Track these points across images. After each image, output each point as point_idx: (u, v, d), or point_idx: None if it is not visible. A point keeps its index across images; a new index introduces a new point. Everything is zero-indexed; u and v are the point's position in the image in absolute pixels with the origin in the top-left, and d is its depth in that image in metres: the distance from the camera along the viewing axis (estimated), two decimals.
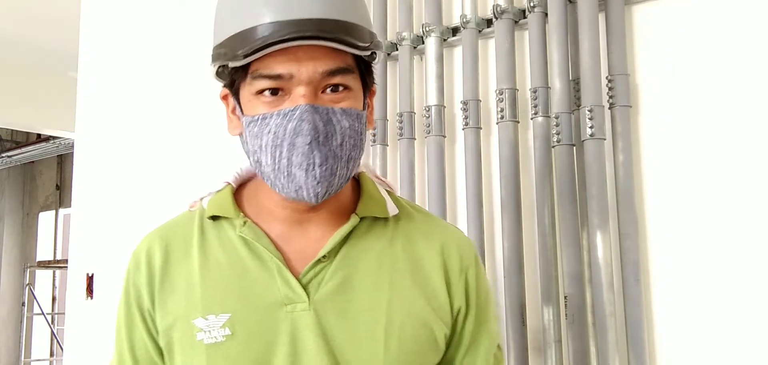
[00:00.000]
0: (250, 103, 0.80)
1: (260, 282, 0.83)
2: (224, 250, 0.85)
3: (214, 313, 0.82)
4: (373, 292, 0.83)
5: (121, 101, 2.44)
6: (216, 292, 0.83)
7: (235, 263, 0.84)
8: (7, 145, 7.32)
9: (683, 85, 1.27)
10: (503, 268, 1.38)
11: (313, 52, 0.78)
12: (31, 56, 4.66)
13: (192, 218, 0.89)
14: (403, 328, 0.83)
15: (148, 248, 0.87)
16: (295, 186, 0.79)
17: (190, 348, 0.82)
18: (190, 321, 0.82)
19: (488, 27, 1.49)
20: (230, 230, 0.86)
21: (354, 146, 0.81)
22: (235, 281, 0.83)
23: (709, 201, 1.23)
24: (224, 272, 0.84)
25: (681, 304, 1.25)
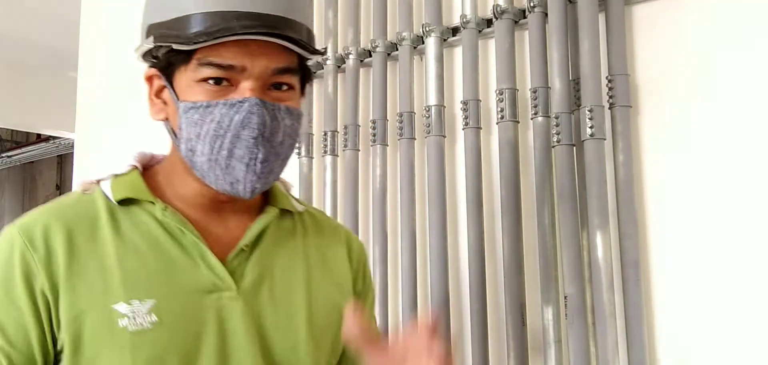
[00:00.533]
0: (190, 89, 0.78)
1: (183, 268, 0.81)
2: (141, 234, 0.81)
3: (138, 298, 0.77)
4: (293, 280, 0.87)
5: (121, 101, 2.44)
6: (138, 277, 0.78)
7: (154, 248, 0.80)
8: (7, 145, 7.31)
9: (683, 85, 1.27)
10: (503, 268, 1.38)
11: (266, 48, 0.77)
12: (31, 56, 4.67)
13: (92, 201, 0.83)
14: (321, 313, 0.88)
15: (44, 228, 0.78)
16: (231, 179, 0.78)
17: (109, 335, 0.76)
18: (108, 307, 0.76)
19: (488, 27, 1.49)
20: (144, 215, 0.82)
21: (291, 146, 0.82)
22: (157, 266, 0.80)
23: (709, 201, 1.23)
24: (144, 257, 0.80)
25: (681, 304, 1.25)
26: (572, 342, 1.26)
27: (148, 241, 0.81)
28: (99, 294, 0.77)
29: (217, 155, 0.78)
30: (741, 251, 1.19)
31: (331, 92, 1.73)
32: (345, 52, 1.69)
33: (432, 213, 1.48)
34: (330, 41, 1.74)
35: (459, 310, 1.50)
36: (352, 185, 1.65)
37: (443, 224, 1.48)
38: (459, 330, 1.50)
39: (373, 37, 1.64)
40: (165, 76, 0.81)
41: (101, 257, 0.78)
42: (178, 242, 0.82)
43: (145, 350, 0.76)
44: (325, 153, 1.70)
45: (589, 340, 1.27)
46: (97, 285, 0.77)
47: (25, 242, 0.77)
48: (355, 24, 1.70)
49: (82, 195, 0.84)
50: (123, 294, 0.77)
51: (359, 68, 1.69)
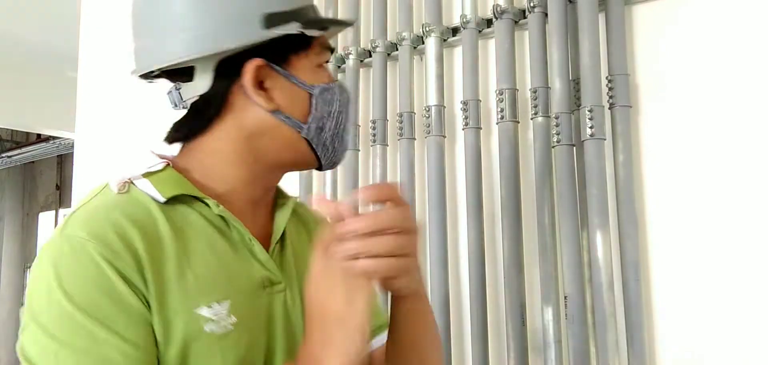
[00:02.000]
0: (314, 73, 0.83)
1: (239, 264, 0.80)
2: (196, 233, 0.77)
3: (216, 300, 0.74)
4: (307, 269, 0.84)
5: (121, 101, 2.44)
6: (208, 278, 0.75)
7: (210, 246, 0.78)
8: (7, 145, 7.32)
9: (683, 85, 1.28)
10: (503, 268, 1.38)
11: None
12: (31, 56, 4.67)
13: (138, 200, 0.76)
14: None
15: (121, 233, 0.71)
16: (343, 150, 0.85)
17: (197, 341, 0.72)
18: (192, 312, 0.72)
19: (488, 27, 1.49)
20: (192, 213, 0.78)
21: None
22: (219, 265, 0.77)
23: (709, 201, 1.23)
24: (206, 256, 0.77)
25: (681, 304, 1.25)
26: (572, 342, 1.26)
27: (203, 239, 0.78)
28: (181, 298, 0.72)
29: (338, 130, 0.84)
30: (741, 251, 1.19)
31: None
32: (345, 52, 1.69)
33: (432, 213, 1.48)
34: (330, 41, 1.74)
35: (459, 310, 1.50)
36: (352, 185, 1.65)
37: (443, 224, 1.48)
38: (459, 330, 1.50)
39: (373, 37, 1.64)
40: (276, 63, 0.80)
41: (172, 259, 0.74)
42: (227, 239, 0.80)
43: (232, 352, 0.75)
44: None
45: (589, 340, 1.27)
46: (177, 289, 0.73)
47: (103, 251, 0.69)
48: (355, 24, 1.70)
49: (120, 195, 0.76)
50: (202, 297, 0.74)
51: (359, 68, 1.69)
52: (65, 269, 0.68)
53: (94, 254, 0.68)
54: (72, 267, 0.68)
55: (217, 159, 0.81)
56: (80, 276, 0.68)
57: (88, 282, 0.68)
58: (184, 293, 0.73)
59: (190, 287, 0.73)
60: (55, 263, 0.69)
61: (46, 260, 0.70)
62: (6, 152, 7.16)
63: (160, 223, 0.75)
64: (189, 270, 0.74)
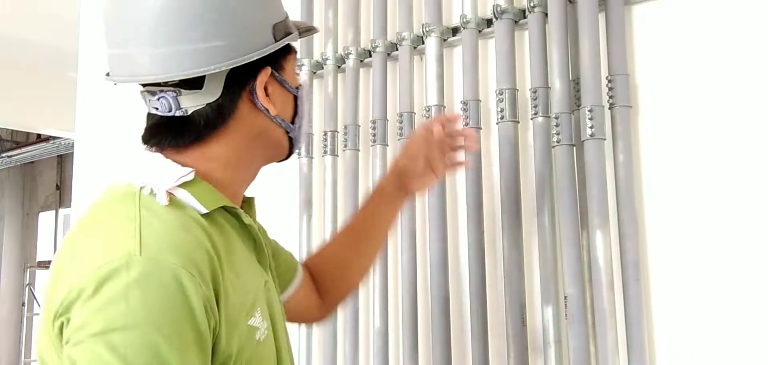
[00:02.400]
0: (294, 75, 0.90)
1: (255, 269, 0.84)
2: (232, 241, 0.80)
3: (258, 308, 0.79)
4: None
5: (121, 101, 2.44)
6: (250, 286, 0.79)
7: (242, 253, 0.82)
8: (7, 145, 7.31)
9: (683, 85, 1.27)
10: (503, 268, 1.38)
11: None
12: (31, 56, 4.66)
13: (189, 217, 0.75)
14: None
15: (205, 257, 0.72)
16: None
17: (251, 349, 0.76)
18: (245, 323, 0.76)
19: (488, 27, 1.49)
20: (226, 223, 0.81)
21: None
22: (252, 271, 0.82)
23: (709, 201, 1.23)
24: (244, 264, 0.80)
25: (681, 304, 1.25)
26: (572, 342, 1.26)
27: (238, 250, 0.80)
28: (238, 311, 0.75)
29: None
30: (741, 251, 1.19)
31: (331, 92, 1.73)
32: (345, 52, 1.69)
33: (432, 213, 1.48)
34: (330, 41, 1.74)
35: (459, 310, 1.50)
36: (352, 185, 1.65)
37: (443, 224, 1.48)
38: (459, 330, 1.50)
39: (373, 37, 1.64)
40: (277, 71, 0.86)
41: (227, 273, 0.75)
42: (248, 246, 0.85)
43: (271, 353, 0.80)
44: (325, 153, 1.70)
45: (589, 340, 1.27)
46: (234, 302, 0.74)
47: (196, 281, 0.69)
48: (355, 24, 1.70)
49: (172, 208, 0.75)
50: (251, 307, 0.77)
51: (359, 68, 1.69)
52: (154, 296, 0.66)
53: (181, 278, 0.67)
54: (159, 295, 0.66)
55: (224, 165, 0.82)
56: (169, 305, 0.66)
57: (176, 311, 0.66)
58: (238, 305, 0.75)
59: (241, 299, 0.76)
60: (142, 286, 0.66)
61: (127, 282, 0.66)
62: (6, 152, 7.15)
63: (213, 236, 0.75)
64: (238, 282, 0.76)
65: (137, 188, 0.76)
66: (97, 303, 0.65)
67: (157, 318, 0.65)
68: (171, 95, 0.79)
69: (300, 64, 1.76)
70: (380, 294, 1.56)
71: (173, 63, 0.76)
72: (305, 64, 1.76)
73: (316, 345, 1.70)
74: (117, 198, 0.77)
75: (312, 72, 1.77)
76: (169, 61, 0.76)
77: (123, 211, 0.73)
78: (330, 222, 1.68)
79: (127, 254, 0.67)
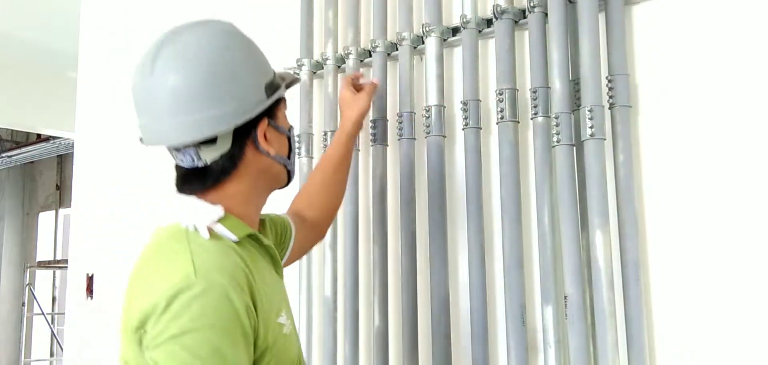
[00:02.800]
0: (285, 118, 1.10)
1: (276, 278, 1.08)
2: (259, 260, 1.03)
3: (283, 310, 1.04)
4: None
5: (121, 101, 2.44)
6: (275, 294, 1.03)
7: (265, 268, 1.04)
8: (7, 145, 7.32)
9: (683, 85, 1.28)
10: (503, 268, 1.38)
11: None
12: (31, 56, 4.67)
13: (226, 245, 0.97)
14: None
15: (244, 277, 0.94)
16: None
17: (281, 339, 1.00)
18: (275, 322, 1.00)
19: (488, 27, 1.49)
20: (252, 247, 1.03)
21: None
22: (274, 282, 1.06)
23: (709, 201, 1.23)
24: (268, 277, 1.04)
25: (681, 304, 1.25)
26: (572, 342, 1.26)
27: (263, 265, 1.04)
28: (268, 312, 0.98)
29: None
30: (741, 250, 1.19)
31: (331, 92, 1.73)
32: (345, 52, 1.69)
33: (432, 213, 1.48)
34: (330, 41, 1.74)
35: (459, 310, 1.50)
36: (352, 185, 1.65)
37: (443, 224, 1.48)
38: (459, 330, 1.50)
39: (373, 37, 1.64)
40: (272, 119, 1.06)
41: (257, 283, 0.97)
42: (265, 260, 1.07)
43: (294, 344, 1.06)
44: None
45: (589, 340, 1.27)
46: (266, 305, 0.98)
47: (239, 292, 0.91)
48: (355, 24, 1.70)
49: (214, 241, 0.97)
50: (278, 310, 1.02)
51: (359, 68, 1.69)
52: (210, 306, 0.88)
53: (229, 293, 0.90)
54: (214, 305, 0.89)
55: (241, 199, 1.04)
56: (222, 312, 0.89)
57: (227, 316, 0.89)
58: (269, 308, 0.98)
59: (270, 303, 0.99)
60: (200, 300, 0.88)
61: (189, 297, 0.88)
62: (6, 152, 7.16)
63: (244, 258, 0.98)
64: (265, 289, 0.99)
65: (183, 227, 0.97)
66: (169, 315, 0.87)
67: (214, 322, 0.88)
68: (192, 151, 0.99)
69: (300, 64, 1.76)
70: (380, 294, 1.56)
71: (193, 129, 0.97)
72: (305, 64, 1.76)
73: (316, 344, 1.70)
74: (169, 237, 0.98)
75: (312, 72, 1.77)
76: (190, 129, 0.97)
77: (176, 247, 0.95)
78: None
79: (187, 277, 0.89)
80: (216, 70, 0.98)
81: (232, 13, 2.09)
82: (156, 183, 2.21)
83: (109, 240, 2.42)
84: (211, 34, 1.02)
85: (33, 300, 7.49)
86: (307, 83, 1.77)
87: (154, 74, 0.98)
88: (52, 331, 7.43)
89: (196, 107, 0.96)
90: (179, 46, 0.99)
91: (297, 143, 1.74)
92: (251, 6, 2.03)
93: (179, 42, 1.00)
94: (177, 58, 0.98)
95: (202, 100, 0.97)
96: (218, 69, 0.98)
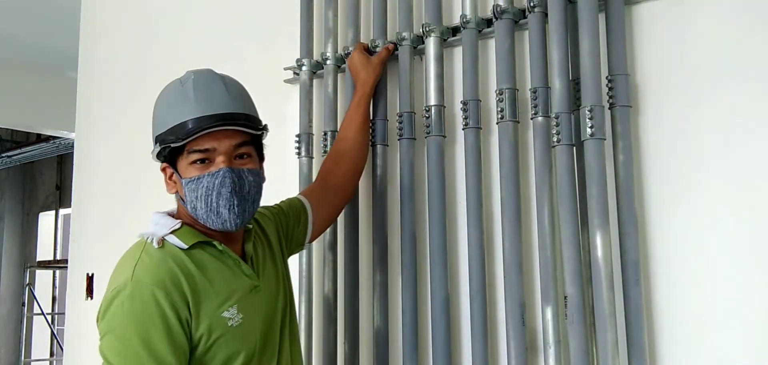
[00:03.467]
0: (187, 170, 1.20)
1: (235, 279, 1.23)
2: (209, 263, 1.21)
3: (231, 305, 1.20)
4: (269, 266, 1.33)
5: (121, 101, 2.44)
6: (223, 292, 1.20)
7: (219, 270, 1.21)
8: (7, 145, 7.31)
9: (683, 85, 1.27)
10: (503, 268, 1.38)
11: (227, 134, 1.19)
12: (31, 56, 4.67)
13: (170, 252, 1.18)
14: (288, 288, 1.38)
15: (173, 280, 1.15)
16: (221, 221, 1.20)
17: (225, 331, 1.18)
18: (219, 315, 1.18)
19: (488, 27, 1.49)
20: (203, 252, 1.21)
21: (257, 192, 1.25)
22: (225, 282, 1.21)
23: (709, 201, 1.23)
24: (218, 277, 1.21)
25: (681, 304, 1.25)
26: (572, 342, 1.26)
27: (213, 266, 1.21)
28: (212, 308, 1.17)
29: (210, 207, 1.19)
30: (741, 250, 1.19)
31: (331, 92, 1.73)
32: (345, 52, 1.69)
33: (432, 213, 1.48)
34: (330, 41, 1.74)
35: (459, 310, 1.50)
36: None
37: (443, 224, 1.48)
38: (459, 330, 1.50)
39: (373, 37, 1.64)
40: (172, 165, 1.22)
41: (202, 284, 1.17)
42: (222, 262, 1.23)
43: (242, 336, 1.20)
44: (325, 153, 1.70)
45: (589, 340, 1.27)
46: (208, 303, 1.17)
47: (164, 293, 1.13)
48: (355, 24, 1.70)
49: (159, 249, 1.18)
50: (223, 305, 1.19)
51: None
52: (138, 304, 1.12)
53: (155, 295, 1.12)
54: (141, 303, 1.12)
55: (191, 216, 1.23)
56: (149, 308, 1.12)
57: (150, 313, 1.12)
58: (212, 305, 1.18)
59: (215, 300, 1.18)
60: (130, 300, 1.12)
61: (123, 298, 1.12)
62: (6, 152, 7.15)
63: (188, 262, 1.18)
64: (212, 289, 1.19)
65: (144, 239, 1.20)
66: (109, 314, 1.13)
67: (141, 317, 1.11)
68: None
69: (300, 64, 1.76)
70: (380, 293, 1.56)
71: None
72: (305, 64, 1.76)
73: (316, 345, 1.70)
74: (132, 248, 1.21)
75: (312, 72, 1.77)
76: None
77: (130, 255, 1.19)
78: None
79: (124, 281, 1.14)
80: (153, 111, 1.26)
81: (233, 13, 2.09)
82: (156, 183, 2.20)
83: (109, 240, 2.42)
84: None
85: (33, 300, 7.49)
86: (307, 83, 1.76)
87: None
88: (52, 331, 7.43)
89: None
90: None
91: (296, 144, 1.74)
92: (252, 6, 2.03)
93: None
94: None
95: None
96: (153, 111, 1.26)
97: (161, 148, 1.20)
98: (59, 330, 7.21)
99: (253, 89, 1.29)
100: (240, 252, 1.28)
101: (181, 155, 1.19)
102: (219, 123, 1.17)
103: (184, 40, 2.23)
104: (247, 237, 1.30)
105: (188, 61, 2.17)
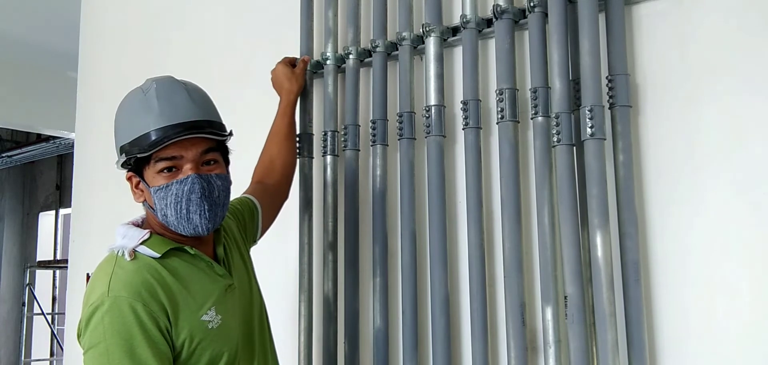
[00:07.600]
0: (154, 178, 1.20)
1: (209, 281, 1.25)
2: (182, 269, 1.22)
3: (209, 308, 1.22)
4: (239, 263, 1.36)
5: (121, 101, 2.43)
6: (199, 296, 1.22)
7: (192, 274, 1.23)
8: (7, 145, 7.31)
9: (683, 85, 1.28)
10: (503, 268, 1.38)
11: (194, 141, 1.20)
12: (31, 56, 4.67)
13: (143, 263, 1.19)
14: (251, 275, 1.40)
15: (149, 290, 1.15)
16: (192, 227, 1.21)
17: (204, 334, 1.20)
18: (199, 319, 1.20)
19: (488, 27, 1.49)
20: (175, 258, 1.22)
21: (226, 197, 1.26)
22: (201, 285, 1.23)
23: (709, 201, 1.23)
24: (193, 282, 1.22)
25: (681, 304, 1.25)
26: (572, 341, 1.26)
27: (187, 271, 1.23)
28: (190, 313, 1.19)
29: (180, 214, 1.20)
30: (740, 250, 1.19)
31: (331, 92, 1.73)
32: (345, 52, 1.69)
33: (432, 213, 1.48)
34: (330, 41, 1.74)
35: (459, 310, 1.50)
36: (352, 185, 1.65)
37: (443, 224, 1.48)
38: (459, 330, 1.50)
39: (373, 37, 1.64)
40: (138, 174, 1.22)
41: (179, 291, 1.19)
42: (196, 267, 1.25)
43: (223, 336, 1.22)
44: (325, 153, 1.71)
45: (589, 340, 1.27)
46: (186, 309, 1.19)
47: (142, 304, 1.13)
48: (355, 24, 1.70)
49: (132, 261, 1.18)
50: (201, 309, 1.21)
51: (359, 68, 1.69)
52: (117, 318, 1.13)
53: (133, 307, 1.13)
54: (121, 316, 1.13)
55: (160, 224, 1.24)
56: (128, 321, 1.12)
57: (129, 325, 1.12)
58: (190, 310, 1.19)
59: (193, 305, 1.20)
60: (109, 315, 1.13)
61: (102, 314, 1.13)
62: (6, 152, 7.15)
63: (162, 270, 1.19)
64: (188, 295, 1.20)
65: (114, 252, 1.21)
66: (89, 330, 1.14)
67: (121, 330, 1.12)
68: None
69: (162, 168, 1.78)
70: (380, 293, 1.57)
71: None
72: None
73: (316, 344, 1.70)
74: (102, 262, 1.21)
75: (312, 72, 1.77)
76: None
77: (102, 270, 1.19)
78: (330, 221, 1.68)
79: (101, 296, 1.14)
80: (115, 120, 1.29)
81: (233, 13, 2.09)
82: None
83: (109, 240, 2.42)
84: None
85: (33, 300, 7.48)
86: (308, 83, 1.77)
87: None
88: (52, 331, 7.43)
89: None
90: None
91: (296, 144, 1.74)
92: (252, 6, 2.03)
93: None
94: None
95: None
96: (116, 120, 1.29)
97: (127, 158, 1.21)
98: (59, 330, 7.21)
99: (253, 89, 1.30)
100: (212, 254, 1.30)
101: (148, 164, 1.20)
102: (184, 132, 1.18)
103: (184, 40, 2.23)
104: (217, 239, 1.32)
105: (188, 61, 2.17)
